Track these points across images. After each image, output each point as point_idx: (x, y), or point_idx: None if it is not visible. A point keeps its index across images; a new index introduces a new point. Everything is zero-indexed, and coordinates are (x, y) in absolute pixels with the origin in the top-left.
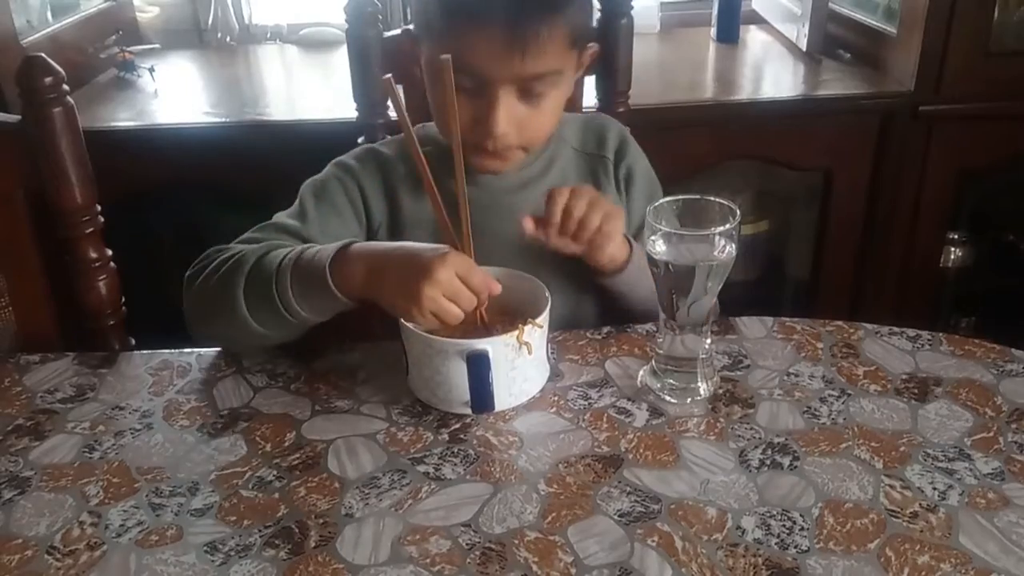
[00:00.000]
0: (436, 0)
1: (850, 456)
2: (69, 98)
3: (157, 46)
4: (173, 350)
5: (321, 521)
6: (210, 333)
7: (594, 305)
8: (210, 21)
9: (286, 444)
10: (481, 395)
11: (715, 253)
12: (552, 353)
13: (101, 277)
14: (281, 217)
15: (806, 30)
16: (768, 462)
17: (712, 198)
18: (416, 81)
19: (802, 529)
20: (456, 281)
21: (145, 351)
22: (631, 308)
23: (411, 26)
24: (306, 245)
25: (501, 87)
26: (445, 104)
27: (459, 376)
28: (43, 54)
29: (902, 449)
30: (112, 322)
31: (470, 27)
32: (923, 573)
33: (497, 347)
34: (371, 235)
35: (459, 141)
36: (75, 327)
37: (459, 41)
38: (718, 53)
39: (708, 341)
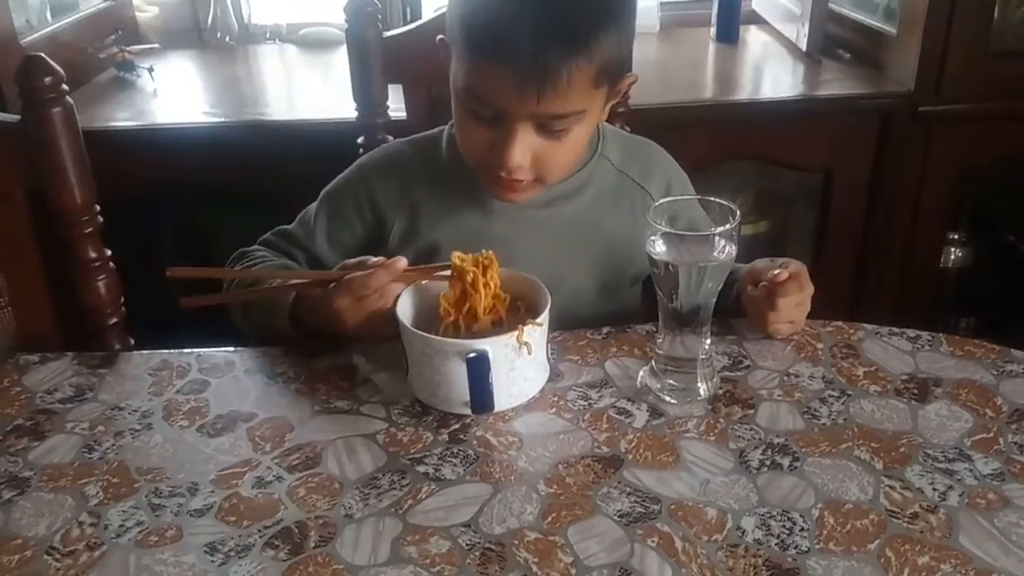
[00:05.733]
0: (460, 26)
1: (850, 457)
2: (68, 98)
3: (156, 46)
4: (173, 350)
5: (321, 521)
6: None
7: (617, 314)
8: (209, 21)
9: (286, 444)
10: (481, 395)
11: (715, 253)
12: (552, 353)
13: (101, 277)
14: (296, 227)
15: (806, 30)
16: (768, 463)
17: (712, 198)
18: (418, 83)
19: (802, 530)
20: (357, 294)
21: (145, 351)
22: None
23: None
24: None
25: (519, 122)
26: (465, 125)
27: (459, 376)
28: (42, 54)
29: (902, 450)
30: (112, 322)
31: (488, 61)
32: (923, 574)
33: (497, 347)
34: (382, 241)
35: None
36: (75, 327)
37: (477, 71)
38: (718, 53)
39: (708, 342)
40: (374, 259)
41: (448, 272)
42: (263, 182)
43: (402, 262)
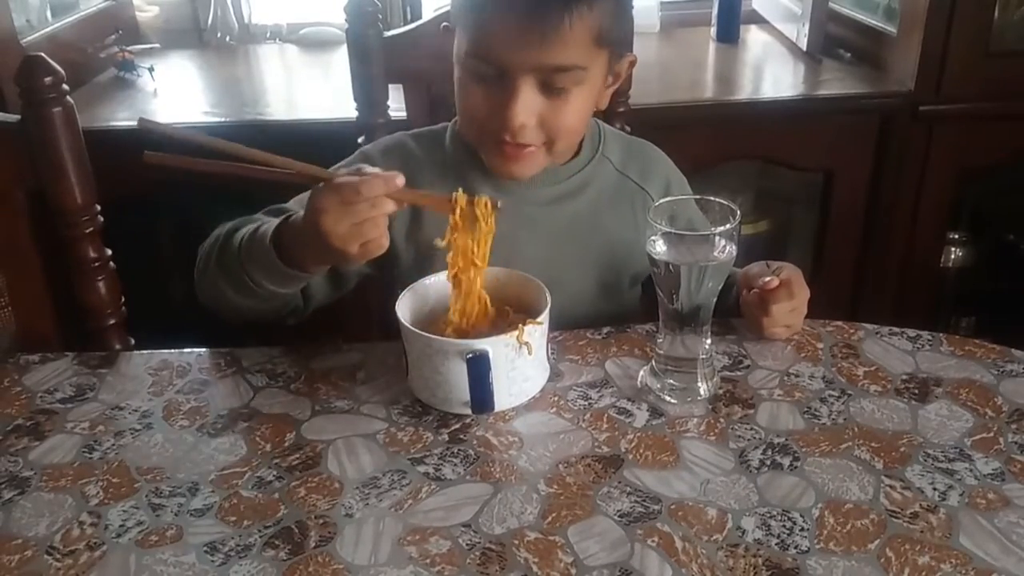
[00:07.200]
0: None
1: (850, 456)
2: (69, 98)
3: (157, 46)
4: (173, 350)
5: (321, 521)
6: (217, 307)
7: (617, 314)
8: (210, 21)
9: (286, 444)
10: (481, 395)
11: (715, 253)
12: (552, 353)
13: (101, 277)
14: (292, 204)
15: (806, 30)
16: (768, 462)
17: (712, 198)
18: (419, 83)
19: (802, 529)
20: (345, 197)
21: (145, 351)
22: None
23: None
24: (259, 224)
25: (521, 77)
26: (468, 91)
27: (459, 376)
28: (43, 54)
29: (902, 449)
30: (112, 322)
31: (492, 10)
32: (923, 573)
33: (497, 347)
34: None
35: None
36: (75, 327)
37: (481, 24)
38: (718, 53)
39: (708, 341)
40: (371, 168)
41: (445, 200)
42: (263, 182)
43: (400, 179)
